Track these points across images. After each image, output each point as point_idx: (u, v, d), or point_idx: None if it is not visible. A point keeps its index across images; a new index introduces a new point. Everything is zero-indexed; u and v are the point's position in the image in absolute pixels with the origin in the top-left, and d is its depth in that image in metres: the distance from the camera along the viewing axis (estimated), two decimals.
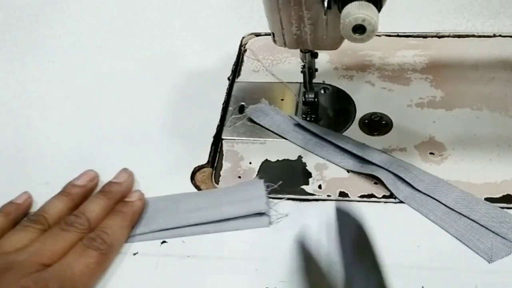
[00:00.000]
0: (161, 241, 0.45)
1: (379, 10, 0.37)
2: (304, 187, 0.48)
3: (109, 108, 0.59)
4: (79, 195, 0.45)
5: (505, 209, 0.44)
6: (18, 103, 0.61)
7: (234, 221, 0.45)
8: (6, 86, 0.63)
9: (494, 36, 0.62)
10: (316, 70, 0.53)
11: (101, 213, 0.43)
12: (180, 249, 0.44)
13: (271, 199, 0.46)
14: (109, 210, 0.43)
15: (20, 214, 0.45)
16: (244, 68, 0.62)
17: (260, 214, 0.45)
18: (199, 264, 0.43)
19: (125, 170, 0.48)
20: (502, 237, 0.42)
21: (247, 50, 0.64)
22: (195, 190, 0.49)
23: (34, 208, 0.47)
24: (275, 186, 0.47)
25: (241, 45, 0.65)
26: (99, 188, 0.48)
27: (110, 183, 0.46)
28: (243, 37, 0.66)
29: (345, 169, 0.49)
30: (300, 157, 0.51)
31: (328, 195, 0.48)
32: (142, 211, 0.45)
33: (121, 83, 0.62)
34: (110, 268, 0.42)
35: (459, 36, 0.62)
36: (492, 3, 0.66)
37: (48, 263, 0.38)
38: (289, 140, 0.52)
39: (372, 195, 0.47)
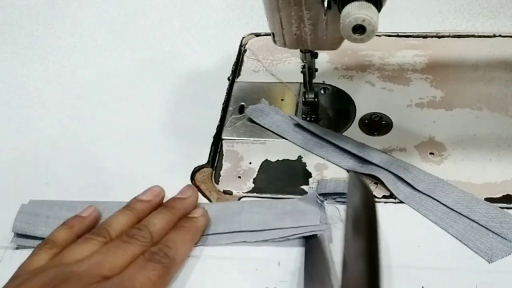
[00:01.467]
0: None
1: (379, 10, 0.37)
2: (304, 187, 0.48)
3: (109, 108, 0.59)
4: (143, 210, 0.44)
5: (505, 209, 0.44)
6: (18, 103, 0.61)
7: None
8: (6, 86, 0.63)
9: (494, 36, 0.62)
10: (316, 70, 0.53)
11: (163, 227, 0.42)
12: None
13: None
14: (172, 225, 0.42)
15: (84, 228, 0.43)
16: (244, 68, 0.62)
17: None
18: (199, 264, 0.43)
19: (189, 186, 0.46)
20: (502, 237, 0.42)
21: (247, 50, 0.64)
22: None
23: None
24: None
25: (241, 45, 0.65)
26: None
27: (174, 198, 0.45)
28: (243, 37, 0.66)
29: (345, 169, 0.49)
30: (300, 157, 0.51)
31: None
32: (205, 227, 0.44)
33: (121, 83, 0.62)
34: None
35: (459, 36, 0.62)
36: (492, 3, 0.66)
37: (109, 275, 0.37)
38: (289, 140, 0.52)
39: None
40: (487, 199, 0.46)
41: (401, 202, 0.46)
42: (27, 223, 0.46)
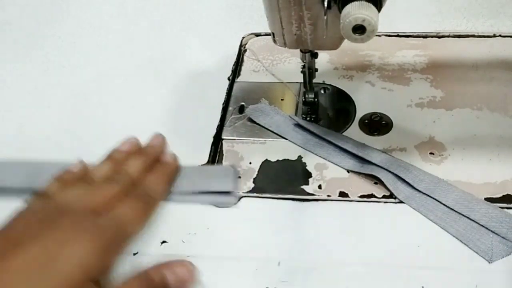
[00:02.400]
0: (161, 241, 0.45)
1: (379, 10, 0.37)
2: (304, 187, 0.48)
3: (109, 108, 0.59)
4: (122, 159, 0.46)
5: (505, 209, 0.44)
6: (18, 103, 0.61)
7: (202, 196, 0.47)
8: (6, 86, 0.63)
9: (494, 36, 0.62)
10: (316, 70, 0.53)
11: (140, 169, 0.45)
12: (180, 249, 0.44)
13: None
14: (146, 167, 0.46)
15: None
16: (244, 68, 0.62)
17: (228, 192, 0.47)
18: (199, 264, 0.43)
19: (158, 134, 0.49)
20: (502, 237, 0.42)
21: (247, 50, 0.64)
22: None
23: None
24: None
25: (241, 45, 0.65)
26: None
27: (146, 146, 0.48)
28: (243, 37, 0.66)
29: (345, 169, 0.49)
30: (300, 157, 0.51)
31: (328, 195, 0.47)
32: (177, 171, 0.48)
33: (121, 83, 0.62)
34: (110, 267, 0.42)
35: (459, 36, 0.62)
36: (492, 3, 0.66)
37: (99, 211, 0.39)
38: (289, 140, 0.52)
39: (372, 195, 0.47)
40: (487, 199, 0.45)
41: (401, 202, 0.46)
42: None
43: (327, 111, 0.56)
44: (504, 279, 0.40)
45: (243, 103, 0.57)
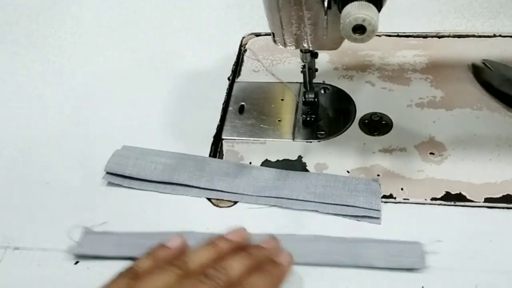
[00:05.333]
0: None
1: (379, 10, 0.37)
2: None
3: (109, 108, 0.59)
4: (226, 249, 0.42)
5: (506, 209, 0.45)
6: (18, 103, 0.61)
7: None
8: (6, 86, 0.63)
9: (494, 36, 0.62)
10: (316, 70, 0.53)
11: (241, 272, 0.39)
12: None
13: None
14: (249, 270, 0.40)
15: (169, 259, 0.42)
16: (244, 68, 0.62)
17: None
18: None
19: (273, 238, 0.44)
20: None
21: (247, 50, 0.64)
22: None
23: None
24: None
25: (241, 45, 0.65)
26: None
27: (258, 246, 0.43)
28: (243, 37, 0.66)
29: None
30: (300, 157, 0.51)
31: None
32: (287, 276, 0.41)
33: (121, 83, 0.62)
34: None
35: (459, 36, 0.62)
36: (492, 3, 0.66)
37: None
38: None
39: None
40: (487, 199, 0.46)
41: (401, 202, 0.46)
42: (118, 164, 0.50)
43: (327, 111, 0.56)
44: (504, 279, 0.40)
45: (243, 103, 0.57)
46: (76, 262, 0.44)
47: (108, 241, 0.45)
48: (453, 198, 0.46)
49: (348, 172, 0.49)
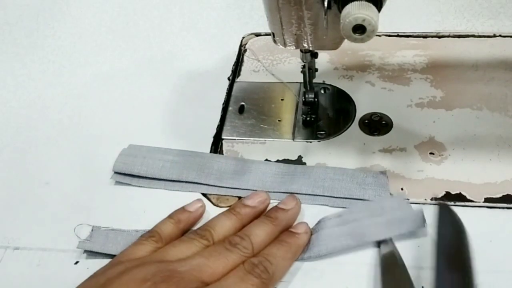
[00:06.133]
0: None
1: (379, 10, 0.37)
2: None
3: (109, 108, 0.59)
4: (248, 215, 0.44)
5: (505, 209, 0.44)
6: (18, 103, 0.61)
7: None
8: (6, 86, 0.63)
9: (494, 36, 0.62)
10: (316, 70, 0.53)
11: (265, 239, 0.41)
12: None
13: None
14: (273, 237, 0.42)
15: (191, 223, 0.45)
16: (244, 68, 0.62)
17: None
18: None
19: (292, 196, 0.46)
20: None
21: (247, 50, 0.64)
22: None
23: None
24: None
25: (241, 45, 0.65)
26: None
27: (277, 208, 0.44)
28: (243, 37, 0.66)
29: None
30: (300, 157, 0.51)
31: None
32: (306, 245, 0.43)
33: (121, 83, 0.62)
34: None
35: (459, 36, 0.62)
36: (492, 3, 0.66)
37: (208, 281, 0.37)
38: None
39: None
40: (487, 199, 0.46)
41: None
42: (125, 164, 0.50)
43: (327, 111, 0.56)
44: (504, 279, 0.40)
45: (243, 103, 0.57)
46: (76, 262, 0.44)
47: (119, 238, 0.45)
48: (453, 198, 0.46)
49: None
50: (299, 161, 0.51)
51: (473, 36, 0.62)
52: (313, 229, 0.44)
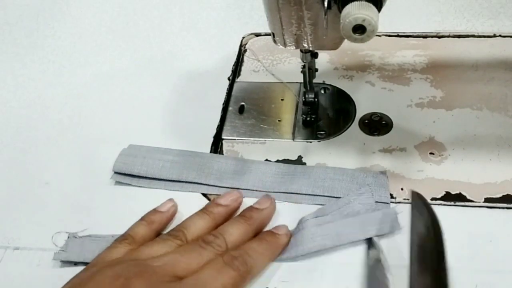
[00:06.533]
0: None
1: (379, 10, 0.37)
2: None
3: (109, 108, 0.59)
4: (220, 214, 0.44)
5: (505, 209, 0.45)
6: (18, 103, 0.61)
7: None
8: (6, 86, 0.63)
9: (494, 36, 0.62)
10: (316, 70, 0.53)
11: (239, 237, 0.41)
12: None
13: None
14: (247, 236, 0.42)
15: (164, 223, 0.45)
16: (244, 68, 0.62)
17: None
18: None
19: (268, 196, 0.46)
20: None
21: (247, 50, 0.64)
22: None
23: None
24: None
25: (241, 45, 0.65)
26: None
27: (251, 208, 0.45)
28: (243, 37, 0.66)
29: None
30: (300, 157, 0.51)
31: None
32: (285, 247, 0.43)
33: (121, 83, 0.62)
34: None
35: (459, 36, 0.62)
36: (492, 3, 0.66)
37: (182, 275, 0.37)
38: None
39: None
40: (487, 199, 0.46)
41: (400, 202, 0.46)
42: (125, 164, 0.50)
43: (327, 111, 0.56)
44: (504, 279, 0.40)
45: (243, 103, 0.57)
46: (76, 263, 0.44)
47: (94, 245, 0.44)
48: (453, 198, 0.46)
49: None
50: (299, 161, 0.51)
51: (473, 36, 0.62)
52: (292, 231, 0.44)
